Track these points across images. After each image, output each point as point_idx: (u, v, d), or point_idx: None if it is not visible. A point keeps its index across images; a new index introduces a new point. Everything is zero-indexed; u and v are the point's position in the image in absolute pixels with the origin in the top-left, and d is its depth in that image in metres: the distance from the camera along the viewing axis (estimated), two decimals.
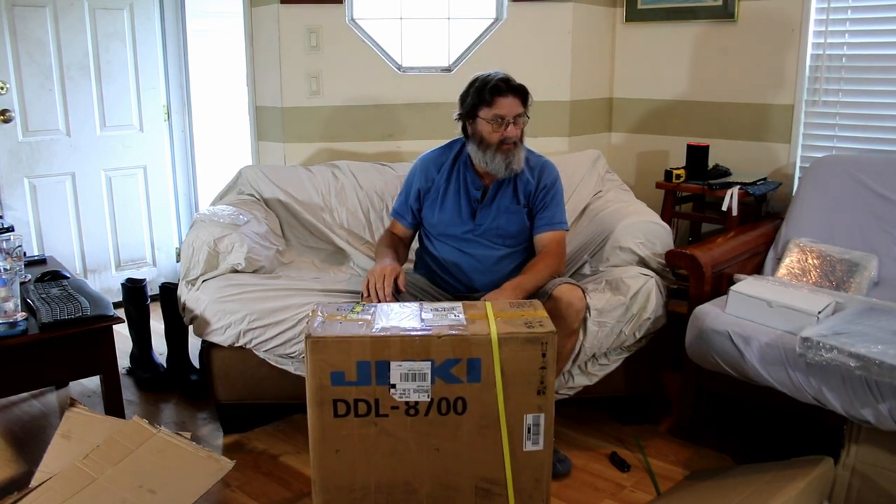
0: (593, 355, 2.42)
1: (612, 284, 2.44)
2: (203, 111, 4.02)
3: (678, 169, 3.16)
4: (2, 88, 3.37)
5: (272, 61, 3.29)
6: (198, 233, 2.53)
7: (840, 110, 3.04)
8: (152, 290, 3.17)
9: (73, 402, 2.17)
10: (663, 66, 3.50)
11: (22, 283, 2.44)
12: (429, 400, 1.77)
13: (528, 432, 1.81)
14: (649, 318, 2.42)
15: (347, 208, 2.98)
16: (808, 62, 3.08)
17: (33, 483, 1.92)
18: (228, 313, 2.38)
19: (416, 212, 2.51)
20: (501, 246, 2.43)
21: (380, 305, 1.93)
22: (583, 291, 2.27)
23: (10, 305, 2.18)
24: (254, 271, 2.56)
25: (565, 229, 2.43)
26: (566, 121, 3.49)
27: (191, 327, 2.52)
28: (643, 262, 2.57)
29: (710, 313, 2.31)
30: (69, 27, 3.51)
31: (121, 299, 2.98)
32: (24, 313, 2.20)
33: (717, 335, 2.25)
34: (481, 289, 2.42)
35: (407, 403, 1.78)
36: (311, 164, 3.23)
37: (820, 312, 2.13)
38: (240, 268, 2.51)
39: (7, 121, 3.41)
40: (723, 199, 2.98)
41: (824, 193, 2.76)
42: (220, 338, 2.40)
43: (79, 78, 3.58)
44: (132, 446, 1.99)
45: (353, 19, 3.30)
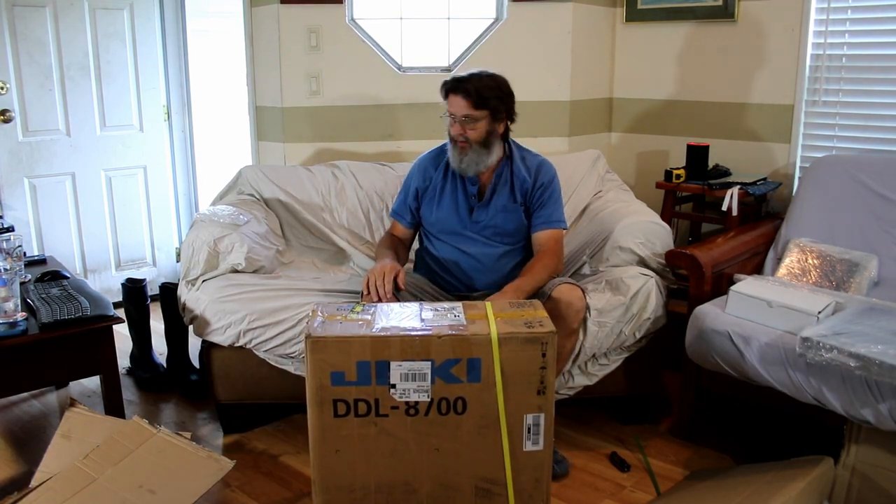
0: (593, 355, 2.42)
1: (612, 284, 2.44)
2: (203, 111, 4.01)
3: (678, 169, 3.16)
4: (2, 88, 3.37)
5: (272, 61, 3.29)
6: (198, 233, 2.53)
7: (840, 110, 3.04)
8: (152, 290, 3.17)
9: (73, 402, 2.17)
10: (663, 66, 3.50)
11: (22, 283, 2.44)
12: (429, 400, 1.78)
13: (528, 432, 1.81)
14: (649, 318, 2.42)
15: (347, 208, 2.98)
16: (808, 62, 3.08)
17: (33, 483, 1.92)
18: (228, 313, 2.38)
19: (415, 211, 2.52)
20: (500, 244, 2.43)
21: (380, 305, 1.93)
22: (582, 291, 2.27)
23: (10, 305, 2.18)
24: (254, 271, 2.56)
25: (563, 228, 2.44)
26: (566, 121, 3.49)
27: (191, 327, 2.52)
28: (643, 262, 2.57)
29: (710, 313, 2.31)
30: (69, 27, 3.51)
31: (121, 299, 2.98)
32: (24, 313, 2.20)
33: (717, 335, 2.25)
34: (481, 288, 2.42)
35: (407, 403, 1.78)
36: (311, 164, 3.23)
37: (820, 312, 2.13)
38: (240, 268, 2.51)
39: (7, 121, 3.41)
40: (723, 199, 2.98)
41: (824, 193, 2.76)
42: (220, 338, 2.40)
43: (79, 78, 3.58)
44: (132, 446, 1.99)
45: (353, 19, 3.30)
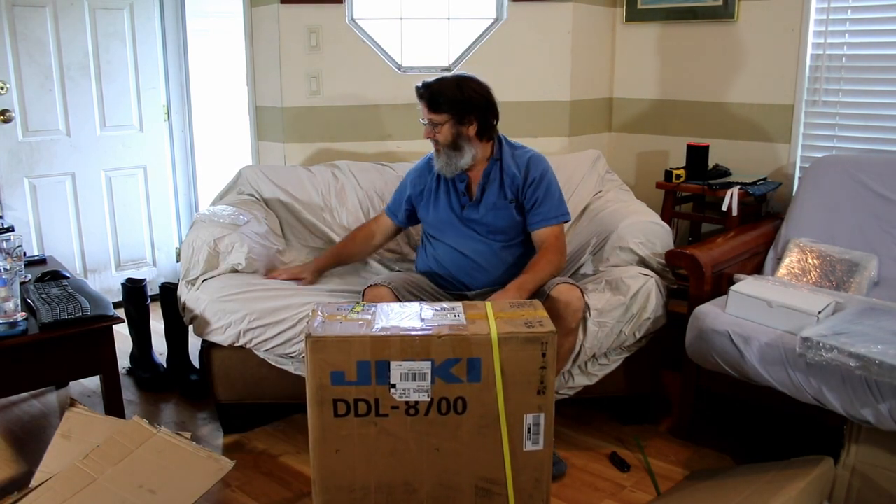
0: (593, 355, 2.41)
1: (612, 284, 2.44)
2: (203, 111, 4.01)
3: (678, 169, 3.16)
4: (2, 88, 3.37)
5: (272, 61, 3.29)
6: (198, 233, 2.53)
7: (840, 110, 3.04)
8: (152, 290, 3.17)
9: (73, 402, 2.17)
10: (663, 66, 3.50)
11: (22, 283, 2.44)
12: (429, 400, 1.78)
13: (528, 432, 1.81)
14: (649, 318, 2.42)
15: (347, 208, 2.98)
16: (808, 62, 3.08)
17: (33, 483, 1.92)
18: (228, 313, 2.38)
19: (408, 212, 2.59)
20: (494, 241, 2.43)
21: (380, 305, 1.93)
22: (581, 291, 2.27)
23: (10, 305, 2.18)
24: (254, 271, 2.56)
25: (563, 221, 2.43)
26: (566, 121, 3.49)
27: (191, 327, 2.52)
28: (643, 262, 2.57)
29: (710, 313, 2.31)
30: (69, 27, 3.51)
31: (121, 299, 2.98)
32: (24, 313, 2.20)
33: (717, 335, 2.25)
34: (480, 286, 2.43)
35: (407, 403, 1.78)
36: (311, 164, 3.23)
37: (820, 312, 2.13)
38: (240, 268, 2.51)
39: (7, 121, 3.41)
40: (723, 199, 2.97)
41: (824, 193, 2.76)
42: (220, 338, 2.40)
43: (79, 78, 3.58)
44: (132, 446, 1.99)
45: (353, 19, 3.30)
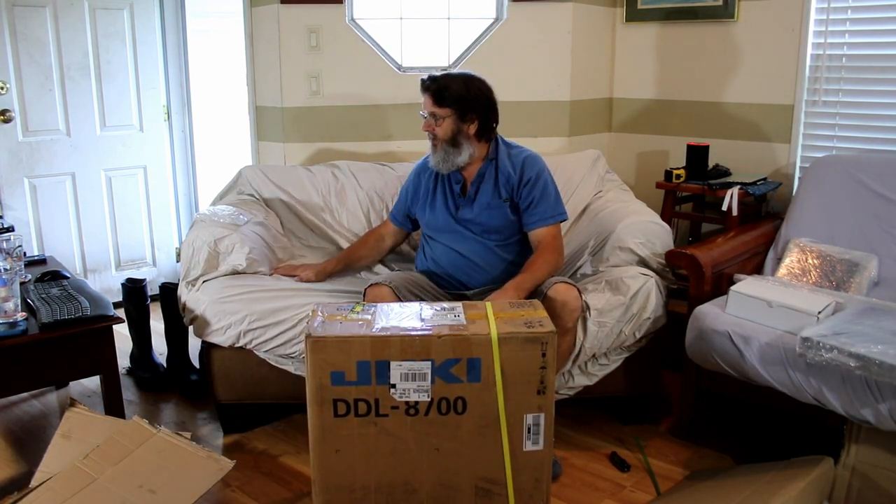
0: (593, 355, 2.41)
1: (612, 284, 2.44)
2: (203, 111, 4.01)
3: (678, 169, 3.16)
4: (2, 88, 3.37)
5: (272, 61, 3.29)
6: (198, 233, 2.53)
7: (840, 110, 3.04)
8: (152, 290, 3.17)
9: (73, 402, 2.17)
10: (663, 66, 3.50)
11: (22, 283, 2.44)
12: (429, 400, 1.78)
13: (528, 432, 1.81)
14: (649, 318, 2.42)
15: (347, 208, 2.98)
16: (808, 62, 3.08)
17: (33, 483, 1.92)
18: (229, 314, 2.38)
19: (408, 217, 2.62)
20: (489, 241, 2.44)
21: (380, 305, 1.93)
22: (578, 291, 2.26)
23: (10, 305, 2.18)
24: (254, 272, 2.56)
25: (560, 221, 2.42)
26: (566, 121, 3.49)
27: (191, 328, 2.52)
28: (643, 262, 2.57)
29: (710, 313, 2.31)
30: (69, 27, 3.51)
31: (121, 299, 2.98)
32: (24, 313, 2.20)
33: (717, 335, 2.25)
34: (478, 286, 2.44)
35: (407, 403, 1.78)
36: (311, 164, 3.23)
37: (820, 312, 2.13)
38: (240, 268, 2.51)
39: (7, 121, 3.41)
40: (723, 199, 2.97)
41: (824, 193, 2.76)
42: (221, 338, 2.40)
43: (79, 78, 3.58)
44: (132, 446, 1.99)
45: (353, 19, 3.30)
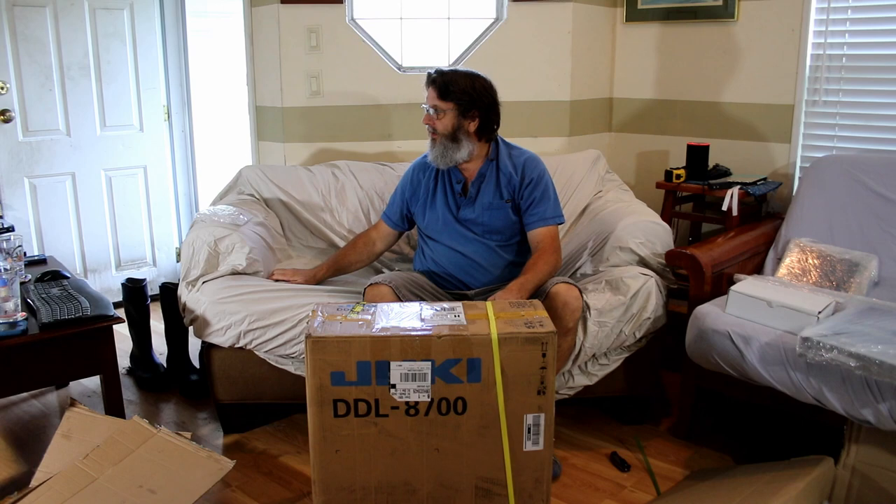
0: (593, 355, 2.41)
1: (612, 284, 2.44)
2: (203, 111, 4.01)
3: (678, 169, 3.16)
4: (2, 88, 3.37)
5: (272, 61, 3.29)
6: (198, 233, 2.53)
7: (840, 110, 3.04)
8: (152, 290, 3.18)
9: (73, 402, 2.17)
10: (663, 66, 3.50)
11: (22, 283, 2.44)
12: (429, 400, 1.78)
13: (529, 432, 1.81)
14: (649, 318, 2.42)
15: (347, 208, 2.98)
16: (808, 62, 3.08)
17: (33, 483, 1.92)
18: (229, 314, 2.37)
19: (405, 217, 2.59)
20: (491, 241, 2.44)
21: (380, 305, 1.93)
22: (579, 290, 2.27)
23: (10, 305, 2.18)
24: (254, 272, 2.56)
25: (558, 223, 2.43)
26: (566, 121, 3.49)
27: (191, 328, 2.52)
28: (643, 262, 2.57)
29: (710, 313, 2.31)
30: (69, 27, 3.51)
31: (121, 299, 2.98)
32: (24, 313, 2.20)
33: (717, 335, 2.25)
34: (478, 286, 2.44)
35: (407, 403, 1.78)
36: (311, 164, 3.23)
37: (820, 312, 2.13)
38: (240, 268, 2.51)
39: (7, 121, 3.41)
40: (723, 199, 2.98)
41: (824, 193, 2.76)
42: (221, 339, 2.40)
43: (79, 78, 3.58)
44: (132, 446, 1.99)
45: (353, 19, 3.30)
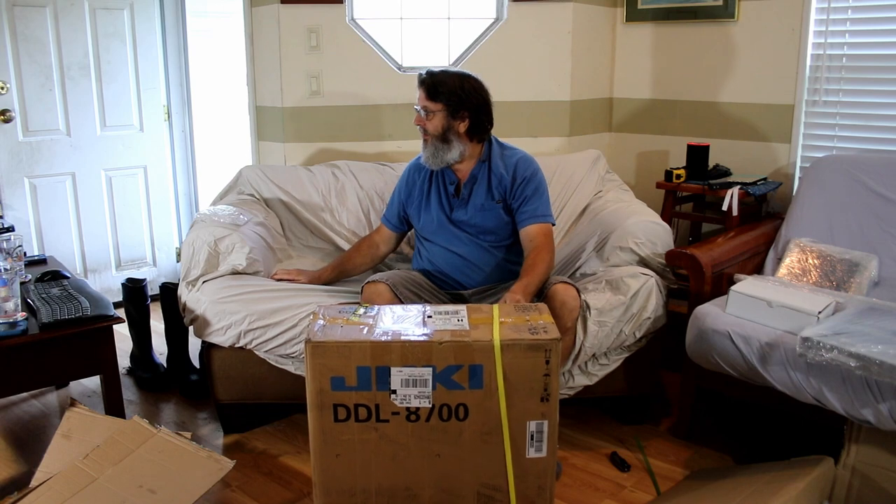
0: (593, 355, 2.41)
1: (612, 284, 2.44)
2: (203, 111, 4.01)
3: (678, 169, 3.16)
4: (2, 88, 3.37)
5: (272, 61, 3.29)
6: (198, 233, 2.53)
7: (840, 110, 3.04)
8: (152, 289, 3.18)
9: (73, 402, 2.17)
10: (663, 66, 3.50)
11: (22, 283, 2.44)
12: (430, 406, 1.74)
13: (532, 439, 1.77)
14: (649, 318, 2.42)
15: (347, 208, 2.98)
16: (808, 62, 3.08)
17: (33, 483, 1.92)
18: (229, 314, 2.37)
19: (403, 218, 2.59)
20: (485, 241, 2.43)
21: (382, 308, 1.91)
22: (577, 290, 2.26)
23: (10, 305, 2.18)
24: (254, 272, 2.56)
25: (551, 222, 2.40)
26: (566, 121, 3.49)
27: (191, 328, 2.52)
28: (643, 262, 2.57)
29: (710, 313, 2.31)
30: (69, 27, 3.51)
31: (121, 299, 2.98)
32: (24, 313, 2.20)
33: (717, 335, 2.25)
34: (477, 285, 2.44)
35: (408, 409, 1.75)
36: (311, 164, 3.22)
37: (820, 312, 2.13)
38: (240, 268, 2.51)
39: (7, 121, 3.41)
40: (723, 199, 2.98)
41: (824, 193, 2.76)
42: (221, 338, 2.40)
43: (79, 78, 3.58)
44: (132, 446, 1.99)
45: (353, 19, 3.30)
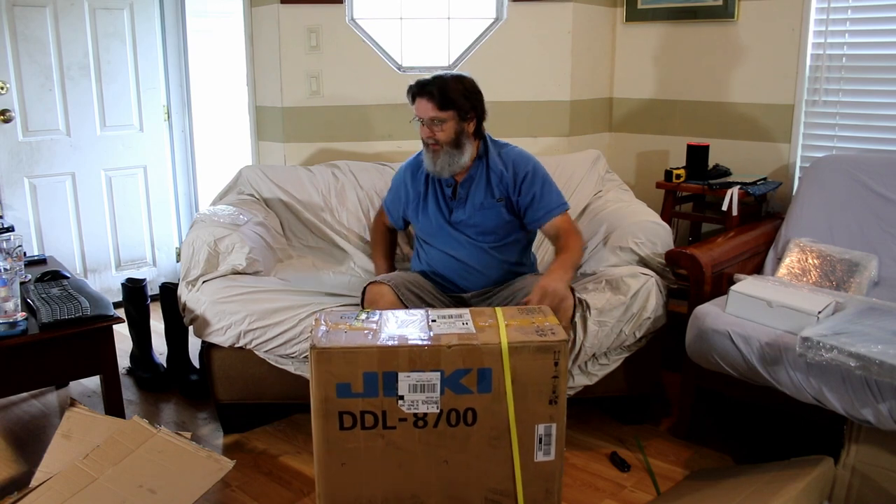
0: (593, 355, 2.41)
1: (612, 284, 2.44)
2: (203, 111, 4.01)
3: (678, 169, 3.16)
4: (2, 88, 3.37)
5: (272, 61, 3.29)
6: (198, 233, 2.53)
7: (840, 110, 3.04)
8: (152, 289, 3.18)
9: (73, 402, 2.17)
10: (663, 66, 3.50)
11: (22, 283, 2.44)
12: (438, 411, 1.72)
13: (540, 443, 1.76)
14: (649, 318, 2.42)
15: (347, 208, 2.98)
16: (808, 62, 3.08)
17: (33, 483, 1.92)
18: (229, 314, 2.38)
19: (402, 218, 2.61)
20: (485, 242, 2.43)
21: (385, 312, 1.88)
22: (572, 290, 2.25)
23: (10, 305, 2.18)
24: (254, 272, 2.56)
25: (566, 209, 2.42)
26: (566, 121, 3.49)
27: (191, 328, 2.52)
28: (643, 262, 2.57)
29: (710, 313, 2.31)
30: (69, 27, 3.51)
31: (121, 299, 2.98)
32: (24, 313, 2.20)
33: (717, 335, 2.25)
34: (476, 288, 2.44)
35: (415, 415, 1.72)
36: (311, 164, 3.22)
37: (820, 312, 2.13)
38: (240, 268, 2.51)
39: (7, 121, 3.41)
40: (723, 199, 2.98)
41: (824, 193, 2.76)
42: (221, 338, 2.40)
43: (79, 78, 3.58)
44: (132, 446, 1.99)
45: (353, 19, 3.30)
